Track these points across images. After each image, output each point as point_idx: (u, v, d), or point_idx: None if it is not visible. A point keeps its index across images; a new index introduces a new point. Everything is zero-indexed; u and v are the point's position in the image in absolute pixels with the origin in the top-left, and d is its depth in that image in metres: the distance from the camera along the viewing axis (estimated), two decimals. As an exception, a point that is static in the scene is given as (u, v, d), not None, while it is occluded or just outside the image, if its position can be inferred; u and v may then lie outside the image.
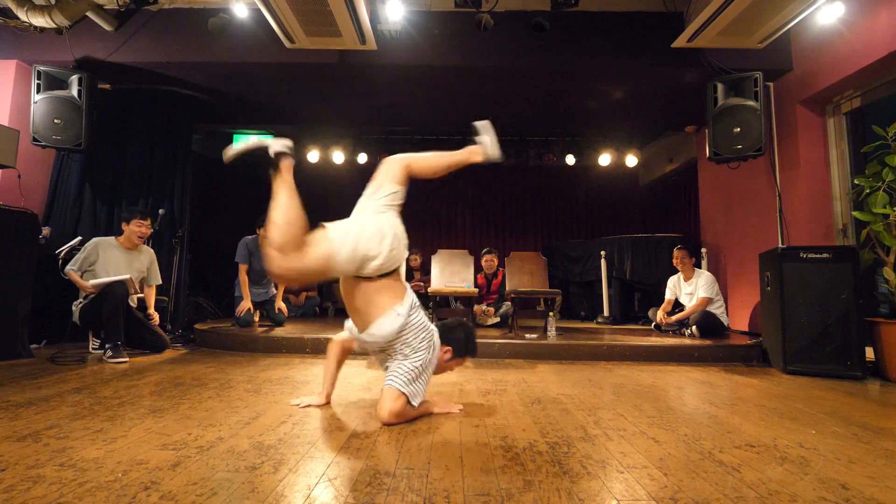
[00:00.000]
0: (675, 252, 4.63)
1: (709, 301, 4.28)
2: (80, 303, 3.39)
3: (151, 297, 3.72)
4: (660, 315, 4.60)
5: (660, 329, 4.59)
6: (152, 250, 3.82)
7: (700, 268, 4.85)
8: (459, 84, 4.62)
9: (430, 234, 7.83)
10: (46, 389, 2.27)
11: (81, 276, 3.38)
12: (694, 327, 4.17)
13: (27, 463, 1.34)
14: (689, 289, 4.53)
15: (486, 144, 2.09)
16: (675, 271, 4.71)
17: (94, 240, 3.54)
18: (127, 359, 3.14)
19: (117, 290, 3.24)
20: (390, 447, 1.56)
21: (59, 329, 3.71)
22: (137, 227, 3.57)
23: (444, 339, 1.99)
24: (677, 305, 4.64)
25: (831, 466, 1.46)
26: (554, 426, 1.83)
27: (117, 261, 3.51)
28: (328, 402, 2.12)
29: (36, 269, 3.37)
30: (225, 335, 3.90)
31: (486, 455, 1.50)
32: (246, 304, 4.19)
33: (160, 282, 3.82)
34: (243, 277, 4.25)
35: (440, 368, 2.01)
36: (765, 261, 3.60)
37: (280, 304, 4.47)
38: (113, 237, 3.61)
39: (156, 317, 3.67)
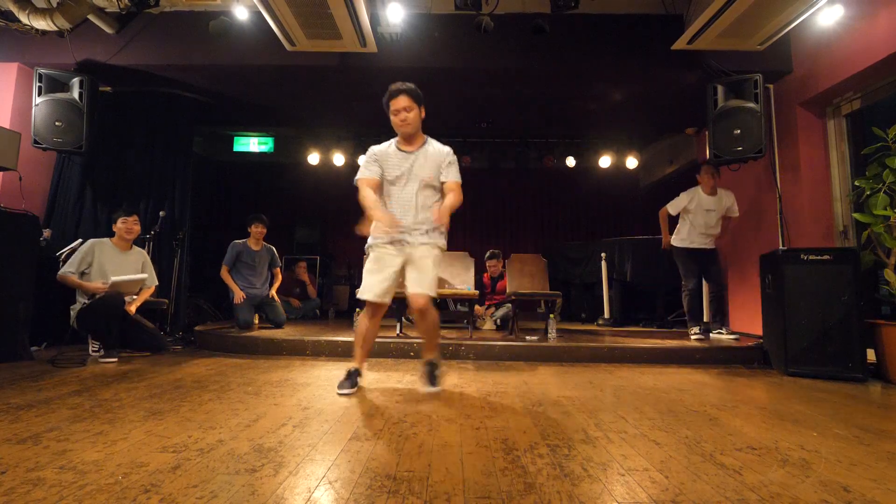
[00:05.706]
0: (703, 169, 3.98)
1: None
2: (77, 307, 3.39)
3: (143, 298, 3.65)
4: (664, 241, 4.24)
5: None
6: (143, 250, 3.82)
7: None
8: (460, 86, 4.63)
9: (431, 235, 7.81)
10: (46, 392, 2.27)
11: (80, 278, 3.37)
12: (724, 329, 4.06)
13: (27, 465, 1.34)
14: (712, 205, 3.98)
15: None
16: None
17: (90, 241, 3.53)
18: (116, 358, 3.17)
19: (114, 300, 3.25)
20: (391, 450, 1.55)
21: (60, 331, 3.70)
22: (124, 224, 3.58)
23: None
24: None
25: (833, 469, 1.46)
26: (555, 428, 1.83)
27: (114, 261, 3.51)
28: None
29: (37, 272, 3.37)
30: (225, 337, 3.90)
31: (486, 457, 1.49)
32: (240, 294, 4.38)
33: (157, 283, 3.81)
34: (226, 276, 4.49)
35: None
36: (765, 263, 3.59)
37: (273, 294, 4.69)
38: (108, 238, 3.61)
39: (132, 310, 3.48)
